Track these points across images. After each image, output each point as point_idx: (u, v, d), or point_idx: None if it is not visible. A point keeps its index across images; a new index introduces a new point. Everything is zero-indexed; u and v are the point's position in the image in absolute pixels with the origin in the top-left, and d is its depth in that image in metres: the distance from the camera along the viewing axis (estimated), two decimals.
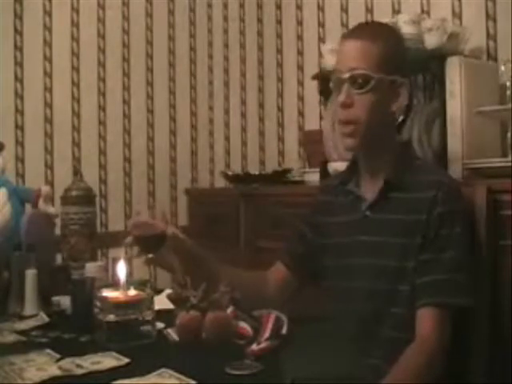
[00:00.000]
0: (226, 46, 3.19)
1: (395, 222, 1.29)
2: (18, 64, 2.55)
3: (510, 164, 1.75)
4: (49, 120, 2.62)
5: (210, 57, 3.14)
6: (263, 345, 1.06)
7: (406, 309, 1.25)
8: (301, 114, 3.06)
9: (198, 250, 1.37)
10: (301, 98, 3.05)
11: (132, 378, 0.99)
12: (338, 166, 2.19)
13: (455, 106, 1.98)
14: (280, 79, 3.18)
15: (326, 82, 2.53)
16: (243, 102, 3.24)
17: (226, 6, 3.18)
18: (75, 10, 2.69)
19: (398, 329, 1.26)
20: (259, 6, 3.25)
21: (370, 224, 1.33)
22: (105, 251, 2.61)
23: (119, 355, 1.10)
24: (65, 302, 1.44)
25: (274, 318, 1.10)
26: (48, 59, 2.62)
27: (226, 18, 3.19)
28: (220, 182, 3.05)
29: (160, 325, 1.30)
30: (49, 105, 2.62)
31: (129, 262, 1.28)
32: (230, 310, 1.10)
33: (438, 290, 1.23)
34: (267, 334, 1.08)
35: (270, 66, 3.22)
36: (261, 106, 3.27)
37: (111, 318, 1.20)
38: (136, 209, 2.77)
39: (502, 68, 1.95)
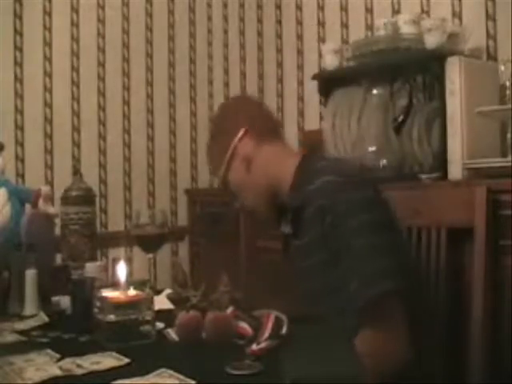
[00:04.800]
0: (226, 45, 3.19)
1: (304, 244, 1.35)
2: (18, 64, 2.55)
3: (509, 164, 1.75)
4: (49, 120, 2.62)
5: (210, 57, 3.14)
6: (263, 345, 1.06)
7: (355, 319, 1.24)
8: (301, 114, 3.06)
9: None
10: (301, 98, 3.05)
11: (132, 378, 0.98)
12: None
13: (455, 106, 1.98)
14: (280, 79, 3.18)
15: (325, 81, 2.55)
16: None
17: (225, 5, 3.18)
18: (75, 9, 2.69)
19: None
20: (259, 6, 3.25)
21: (295, 252, 1.41)
22: (105, 251, 2.61)
23: (119, 355, 1.10)
24: (65, 301, 1.44)
25: (273, 318, 1.10)
26: (48, 59, 2.62)
27: (225, 18, 3.19)
28: None
29: (160, 325, 1.29)
30: (49, 105, 2.62)
31: (129, 262, 1.28)
32: (229, 309, 1.10)
33: (360, 293, 1.21)
34: (267, 333, 1.07)
35: (270, 65, 3.22)
36: None
37: (111, 318, 1.20)
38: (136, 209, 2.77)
39: (502, 68, 1.95)
